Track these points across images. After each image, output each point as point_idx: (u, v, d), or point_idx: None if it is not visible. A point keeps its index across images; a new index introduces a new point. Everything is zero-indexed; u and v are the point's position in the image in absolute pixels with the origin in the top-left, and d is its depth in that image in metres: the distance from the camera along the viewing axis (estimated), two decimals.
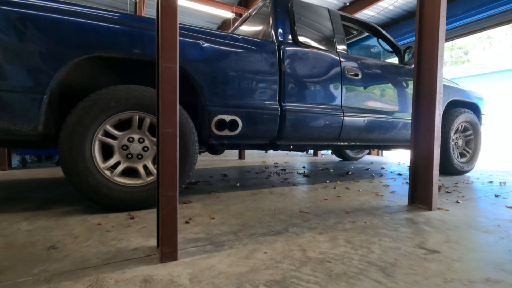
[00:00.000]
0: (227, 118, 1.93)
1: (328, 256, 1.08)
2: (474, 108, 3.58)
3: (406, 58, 2.91)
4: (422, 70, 1.82)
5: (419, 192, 1.83)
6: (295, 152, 7.16)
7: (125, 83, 1.92)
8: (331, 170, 3.68)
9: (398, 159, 5.54)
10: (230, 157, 5.62)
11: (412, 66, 2.95)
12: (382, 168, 3.99)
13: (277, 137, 2.21)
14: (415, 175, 1.85)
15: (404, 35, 6.76)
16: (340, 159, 5.43)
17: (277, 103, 2.12)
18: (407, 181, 2.92)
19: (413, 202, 1.87)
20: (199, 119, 1.97)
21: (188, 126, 1.76)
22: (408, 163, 4.79)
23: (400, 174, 3.41)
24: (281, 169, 3.71)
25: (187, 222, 1.46)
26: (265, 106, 2.06)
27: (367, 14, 6.68)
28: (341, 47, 2.53)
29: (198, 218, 1.54)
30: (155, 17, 1.14)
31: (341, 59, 2.45)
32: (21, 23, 1.43)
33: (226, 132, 1.97)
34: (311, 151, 7.17)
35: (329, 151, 7.33)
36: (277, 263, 1.02)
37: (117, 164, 1.66)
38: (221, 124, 1.93)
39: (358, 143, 2.71)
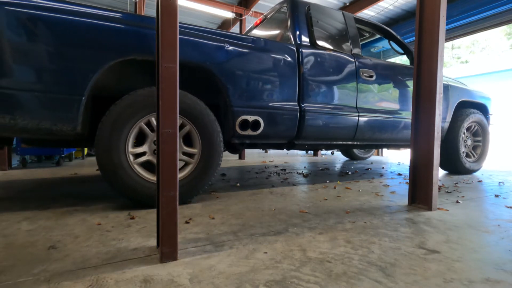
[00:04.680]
0: (250, 118, 2.01)
1: (328, 256, 1.08)
2: (482, 109, 3.63)
3: None
4: (422, 70, 1.82)
5: (419, 192, 1.83)
6: (295, 152, 7.16)
7: (152, 85, 1.99)
8: (339, 169, 3.68)
9: (398, 159, 5.54)
10: (230, 157, 5.62)
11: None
12: (382, 168, 3.99)
13: (295, 137, 2.29)
14: (415, 175, 1.85)
15: (404, 35, 6.76)
16: (348, 159, 5.49)
17: (296, 103, 2.20)
18: (407, 181, 2.92)
19: (413, 202, 1.87)
20: (223, 119, 2.07)
21: (215, 128, 1.85)
22: (408, 163, 4.79)
23: (400, 174, 3.41)
24: (281, 169, 3.71)
25: (187, 222, 1.46)
26: (285, 106, 2.14)
27: (367, 14, 6.68)
28: (355, 49, 2.60)
29: (198, 218, 1.54)
30: (185, 23, 1.16)
31: (356, 61, 2.52)
32: (64, 30, 1.50)
33: (249, 132, 2.05)
34: (311, 151, 7.17)
35: (329, 151, 7.32)
36: (277, 263, 1.02)
37: (143, 154, 1.74)
38: (245, 124, 2.01)
39: (371, 143, 2.79)
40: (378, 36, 3.45)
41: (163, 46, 0.99)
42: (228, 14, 6.48)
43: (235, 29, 7.19)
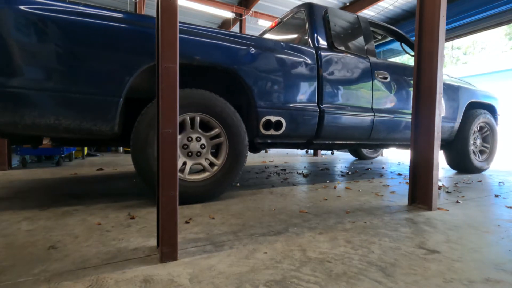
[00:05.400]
0: (273, 118, 2.09)
1: (328, 256, 1.08)
2: (490, 109, 3.71)
3: None
4: (422, 70, 1.82)
5: (419, 192, 1.83)
6: (295, 152, 7.15)
7: (180, 87, 2.09)
8: (339, 169, 3.68)
9: (398, 159, 5.54)
10: None
11: None
12: (382, 168, 3.99)
13: (315, 136, 2.38)
14: (415, 175, 1.85)
15: None
16: (355, 158, 5.54)
17: (316, 104, 2.28)
18: (407, 181, 2.92)
19: (413, 202, 1.87)
20: (245, 119, 2.16)
21: (242, 130, 1.94)
22: (408, 163, 4.79)
23: (400, 174, 3.41)
24: (281, 169, 3.71)
25: (187, 222, 1.46)
26: (306, 107, 2.23)
27: (367, 14, 6.68)
28: (370, 51, 2.68)
29: (198, 218, 1.54)
30: (213, 28, 1.18)
31: (371, 63, 2.60)
32: (106, 36, 1.59)
33: (271, 132, 2.13)
34: (311, 151, 7.17)
35: (329, 151, 7.32)
36: (277, 263, 1.02)
37: (184, 164, 1.84)
38: (268, 124, 2.10)
39: (385, 143, 2.87)
40: (389, 38, 3.55)
41: (163, 46, 0.99)
42: (228, 14, 6.49)
43: (235, 29, 7.19)
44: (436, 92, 1.73)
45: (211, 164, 1.92)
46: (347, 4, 6.38)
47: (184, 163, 1.82)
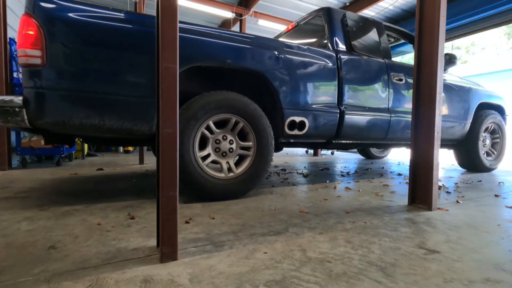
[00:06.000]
0: (297, 119, 2.19)
1: (328, 256, 1.08)
2: (499, 109, 3.80)
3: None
4: (422, 70, 1.82)
5: (419, 192, 1.83)
6: (295, 152, 7.15)
7: (211, 89, 2.16)
8: (339, 169, 3.67)
9: (398, 159, 5.54)
10: None
11: (448, 72, 3.25)
12: (382, 168, 3.99)
13: (334, 136, 2.47)
14: (415, 175, 1.85)
15: None
16: (365, 158, 5.57)
17: (336, 105, 2.38)
18: (407, 181, 2.92)
19: (413, 202, 1.87)
20: (271, 120, 2.22)
21: (269, 131, 2.04)
22: (408, 163, 4.79)
23: (400, 174, 3.41)
24: (281, 169, 3.71)
25: (187, 222, 1.46)
26: (327, 108, 2.33)
27: (367, 14, 6.68)
28: (386, 54, 2.79)
29: (198, 218, 1.54)
30: (246, 32, 1.24)
31: (387, 65, 2.69)
32: (148, 41, 1.67)
33: (295, 132, 2.23)
34: (311, 151, 7.17)
35: (329, 151, 7.32)
36: (277, 263, 1.02)
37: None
38: (292, 125, 2.20)
39: (400, 142, 2.96)
40: (402, 41, 3.67)
41: (163, 46, 0.99)
42: (228, 14, 6.48)
43: (235, 29, 7.18)
44: (436, 92, 1.73)
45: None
46: (347, 4, 6.37)
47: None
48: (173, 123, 1.01)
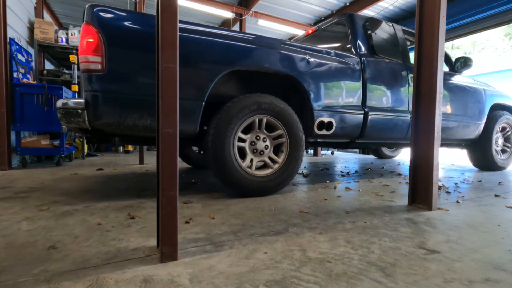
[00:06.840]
0: (326, 120, 2.31)
1: (328, 256, 1.08)
2: (510, 110, 3.93)
3: (458, 66, 3.29)
4: (422, 70, 1.82)
5: (419, 192, 1.83)
6: None
7: (250, 92, 2.29)
8: (339, 169, 3.67)
9: (398, 159, 5.54)
10: None
11: (462, 74, 3.33)
12: (382, 168, 3.99)
13: (358, 136, 2.58)
14: (415, 175, 1.85)
15: None
16: (376, 157, 5.66)
17: (361, 106, 2.50)
18: (407, 181, 2.92)
19: (413, 202, 1.87)
20: (301, 120, 2.35)
21: (300, 131, 2.15)
22: (408, 163, 4.79)
23: (400, 174, 3.41)
24: None
25: (187, 222, 1.46)
26: (352, 109, 2.45)
27: (367, 14, 6.68)
28: (405, 57, 2.89)
29: (198, 218, 1.54)
30: (280, 38, 1.35)
31: (407, 67, 2.79)
32: (199, 46, 1.80)
33: (323, 132, 2.35)
34: (311, 151, 7.17)
35: (329, 151, 7.32)
36: (277, 263, 1.02)
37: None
38: (321, 125, 2.32)
39: None
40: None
41: (163, 46, 0.99)
42: (228, 14, 6.48)
43: (235, 29, 7.18)
44: (436, 92, 1.73)
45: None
46: (347, 4, 6.38)
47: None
48: (173, 123, 1.01)
